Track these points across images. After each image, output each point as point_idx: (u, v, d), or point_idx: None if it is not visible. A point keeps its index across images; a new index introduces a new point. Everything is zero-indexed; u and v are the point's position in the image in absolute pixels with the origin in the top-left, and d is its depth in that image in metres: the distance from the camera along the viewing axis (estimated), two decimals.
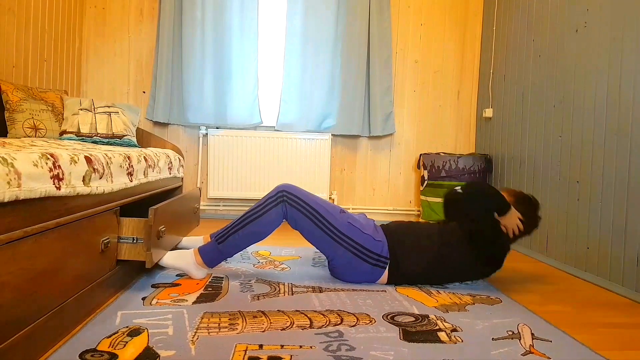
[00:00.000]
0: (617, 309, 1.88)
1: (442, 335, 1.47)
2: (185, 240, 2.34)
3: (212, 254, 1.97)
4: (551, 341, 1.47)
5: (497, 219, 1.99)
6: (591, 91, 2.37)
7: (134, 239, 1.75)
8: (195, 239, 2.33)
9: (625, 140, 2.12)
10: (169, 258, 1.95)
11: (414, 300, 1.82)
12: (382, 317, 1.62)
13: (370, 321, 1.57)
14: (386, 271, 1.98)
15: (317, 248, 2.04)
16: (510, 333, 1.52)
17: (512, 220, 2.01)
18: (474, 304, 1.81)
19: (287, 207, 1.96)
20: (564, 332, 1.54)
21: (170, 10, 3.48)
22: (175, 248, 2.26)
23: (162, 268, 2.09)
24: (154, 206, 1.77)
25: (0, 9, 2.54)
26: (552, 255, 2.64)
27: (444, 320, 1.61)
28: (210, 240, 2.01)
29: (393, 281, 2.02)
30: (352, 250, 1.95)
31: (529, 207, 2.10)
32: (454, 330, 1.52)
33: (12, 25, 2.65)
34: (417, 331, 1.50)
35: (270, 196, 1.98)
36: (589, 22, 2.41)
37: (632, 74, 2.09)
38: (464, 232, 2.00)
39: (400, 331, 1.49)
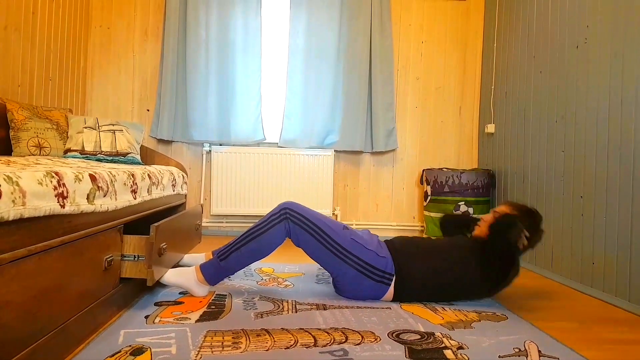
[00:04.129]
0: (624, 324, 1.86)
1: (448, 353, 1.45)
2: (187, 257, 2.33)
3: (213, 271, 1.96)
4: (558, 358, 1.44)
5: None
6: (593, 106, 2.38)
7: (135, 257, 1.75)
8: (197, 256, 2.32)
9: (628, 154, 2.12)
10: (170, 275, 1.94)
11: (419, 317, 1.81)
12: (388, 334, 1.60)
13: (376, 339, 1.55)
14: (391, 288, 1.97)
15: (321, 265, 2.02)
16: (517, 350, 1.50)
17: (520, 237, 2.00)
18: (479, 320, 1.79)
19: (290, 224, 1.95)
20: (570, 349, 1.52)
21: (174, 30, 3.53)
22: (177, 265, 2.25)
23: (164, 286, 2.08)
24: (155, 223, 1.77)
25: (7, 28, 2.58)
26: (558, 271, 2.62)
27: (450, 338, 1.59)
28: (212, 257, 2.01)
29: (399, 298, 2.00)
30: (357, 267, 1.93)
31: (534, 221, 2.09)
32: (460, 347, 1.50)
33: (17, 45, 2.68)
34: (423, 349, 1.48)
35: (273, 213, 1.98)
36: (589, 38, 2.43)
37: (634, 88, 2.10)
38: (476, 249, 1.99)
39: (406, 349, 1.47)
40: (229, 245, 1.96)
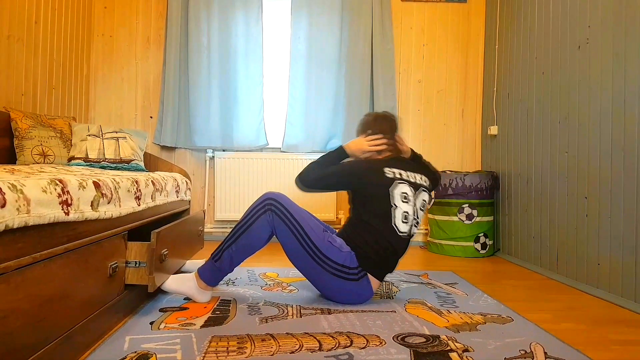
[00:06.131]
0: (630, 325, 1.84)
1: (453, 356, 1.45)
2: (189, 264, 2.33)
3: (210, 273, 1.95)
4: None
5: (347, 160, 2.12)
6: (596, 106, 2.38)
7: (136, 263, 1.75)
8: (200, 262, 2.32)
9: (632, 154, 2.11)
10: (172, 282, 1.94)
11: (424, 320, 1.80)
12: (393, 338, 1.59)
13: (381, 343, 1.55)
14: (369, 275, 1.94)
15: (297, 267, 1.98)
16: (523, 352, 1.49)
17: (359, 147, 2.10)
18: (485, 323, 1.78)
19: (273, 216, 1.90)
20: (577, 350, 1.52)
21: (176, 37, 3.55)
22: (179, 271, 2.25)
23: (168, 292, 2.08)
24: (156, 230, 1.78)
25: (10, 38, 2.60)
26: (563, 273, 2.61)
27: (455, 341, 1.58)
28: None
29: (381, 276, 1.97)
30: (334, 272, 1.89)
31: (375, 122, 2.15)
32: (466, 350, 1.50)
33: (21, 54, 2.71)
34: (429, 352, 1.48)
35: (257, 204, 1.93)
36: (591, 38, 2.43)
37: (636, 87, 2.10)
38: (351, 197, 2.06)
39: (412, 352, 1.47)
40: (220, 245, 1.94)
